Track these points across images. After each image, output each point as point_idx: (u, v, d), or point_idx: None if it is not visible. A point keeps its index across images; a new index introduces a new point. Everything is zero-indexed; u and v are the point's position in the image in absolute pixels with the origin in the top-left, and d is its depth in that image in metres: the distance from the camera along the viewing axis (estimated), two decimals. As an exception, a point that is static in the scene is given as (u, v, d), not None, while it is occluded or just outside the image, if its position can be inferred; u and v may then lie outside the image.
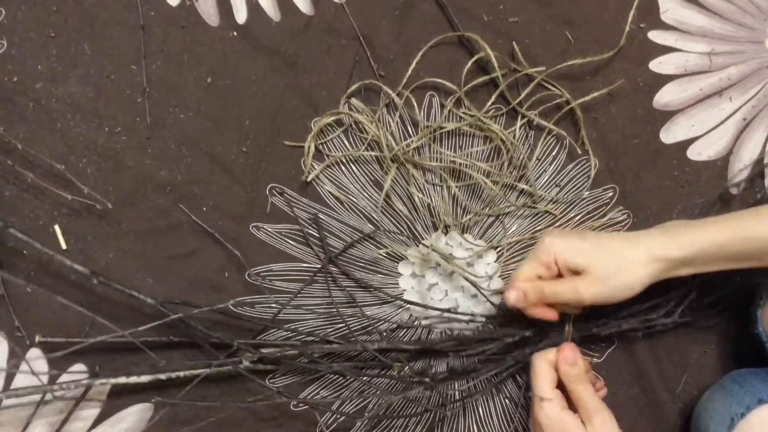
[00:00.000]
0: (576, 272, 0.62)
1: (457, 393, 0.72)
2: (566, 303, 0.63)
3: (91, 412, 0.69)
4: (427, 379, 0.68)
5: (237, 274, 0.71)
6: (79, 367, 0.68)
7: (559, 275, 0.64)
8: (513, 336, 0.69)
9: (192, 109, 0.72)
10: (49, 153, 0.69)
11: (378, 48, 0.74)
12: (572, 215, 0.75)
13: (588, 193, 0.75)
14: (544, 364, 0.63)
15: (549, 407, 0.61)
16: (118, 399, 0.69)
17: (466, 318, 0.72)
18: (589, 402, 0.61)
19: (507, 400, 0.73)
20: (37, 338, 0.67)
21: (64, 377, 0.68)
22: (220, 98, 0.72)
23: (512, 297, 0.64)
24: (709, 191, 0.76)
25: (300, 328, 0.71)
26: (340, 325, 0.72)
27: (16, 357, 0.67)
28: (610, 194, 0.75)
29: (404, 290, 0.74)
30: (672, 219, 0.75)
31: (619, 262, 0.60)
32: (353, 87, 0.73)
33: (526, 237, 0.74)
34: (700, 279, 0.69)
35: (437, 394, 0.70)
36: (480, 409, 0.73)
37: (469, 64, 0.73)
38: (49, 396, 0.66)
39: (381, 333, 0.71)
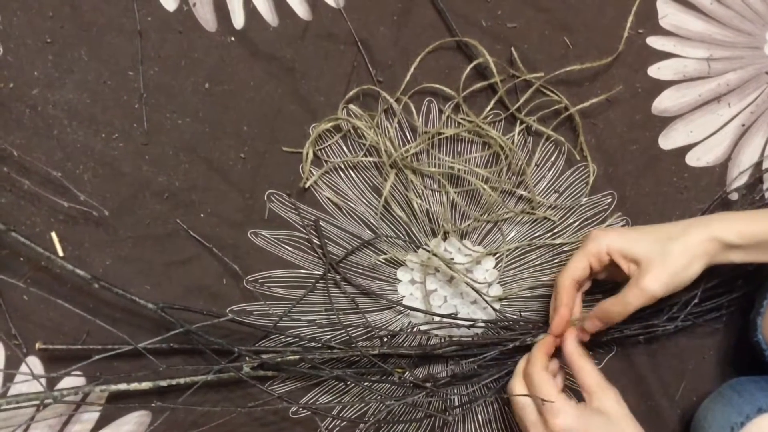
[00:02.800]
0: (633, 260, 0.62)
1: (457, 398, 0.72)
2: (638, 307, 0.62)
3: (89, 416, 0.68)
4: (428, 385, 0.67)
5: (235, 280, 0.71)
6: (77, 375, 0.68)
7: (611, 264, 0.64)
8: (514, 341, 0.69)
9: (189, 114, 0.71)
10: (45, 160, 0.69)
11: (376, 53, 0.74)
12: (571, 221, 0.75)
13: (586, 199, 0.75)
14: (541, 372, 0.62)
15: (564, 418, 0.58)
16: (117, 405, 0.68)
17: (467, 324, 0.71)
18: (597, 378, 0.61)
19: (507, 406, 0.73)
20: (38, 345, 0.66)
21: (62, 385, 0.68)
22: (218, 104, 0.72)
23: (591, 328, 0.65)
24: (708, 197, 0.76)
25: (301, 334, 0.71)
26: (341, 331, 0.72)
27: (13, 364, 0.67)
28: (609, 200, 0.75)
29: (403, 296, 0.73)
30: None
31: (678, 245, 0.60)
32: (351, 92, 0.73)
33: (524, 243, 0.74)
34: (703, 284, 0.70)
35: (438, 399, 0.70)
36: (479, 415, 0.73)
37: (468, 69, 0.73)
38: (48, 400, 0.66)
39: (381, 339, 0.71)
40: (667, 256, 0.60)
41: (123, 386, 0.65)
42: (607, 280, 0.69)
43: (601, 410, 0.59)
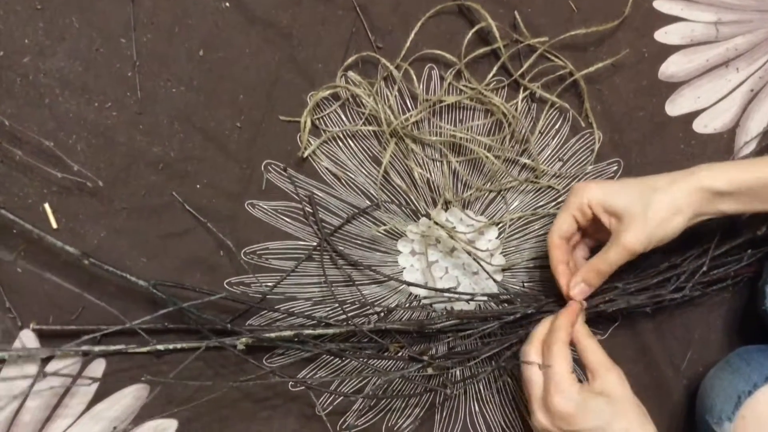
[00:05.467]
0: (613, 214, 0.60)
1: (458, 372, 0.71)
2: (621, 264, 0.61)
3: (87, 389, 0.68)
4: (425, 358, 0.66)
5: (231, 252, 0.69)
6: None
7: (594, 221, 0.62)
8: (515, 313, 0.68)
9: (184, 83, 0.70)
10: (37, 129, 0.67)
11: (375, 19, 0.72)
12: (575, 190, 0.73)
13: (592, 167, 0.74)
14: (563, 346, 0.60)
15: (565, 401, 0.57)
16: (113, 380, 0.68)
17: (467, 297, 0.70)
18: (601, 357, 0.59)
19: (508, 377, 0.72)
20: (32, 325, 0.66)
21: (54, 364, 0.67)
22: (213, 72, 0.70)
23: (578, 293, 0.63)
24: (716, 164, 0.74)
25: (297, 308, 0.70)
26: (338, 306, 0.71)
27: (9, 338, 0.66)
28: (615, 168, 0.74)
29: (404, 268, 0.72)
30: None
31: (660, 196, 0.58)
32: (350, 59, 0.71)
33: (528, 213, 0.73)
34: (711, 253, 0.68)
35: (438, 374, 0.69)
36: (481, 386, 0.72)
37: (470, 34, 0.71)
38: (43, 385, 0.66)
39: (378, 314, 0.70)
40: (648, 210, 0.58)
41: (121, 347, 0.64)
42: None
43: (603, 391, 0.58)
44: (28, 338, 0.67)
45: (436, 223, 0.70)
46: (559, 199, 0.73)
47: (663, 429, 0.74)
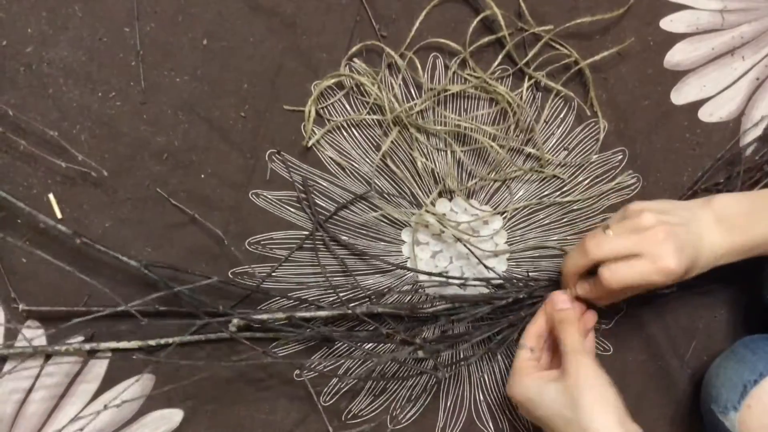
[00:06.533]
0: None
1: (460, 353, 0.71)
2: None
3: (95, 374, 0.68)
4: (417, 341, 0.66)
5: (236, 242, 0.69)
6: (77, 339, 0.68)
7: None
8: (506, 298, 0.68)
9: (188, 72, 0.69)
10: (41, 119, 0.67)
11: (379, 7, 0.71)
12: (581, 179, 0.73)
13: (597, 156, 0.73)
14: (525, 339, 0.65)
15: (516, 387, 0.62)
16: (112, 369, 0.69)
17: (458, 282, 0.70)
18: (569, 344, 0.60)
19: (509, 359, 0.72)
20: (21, 307, 0.66)
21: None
22: (217, 61, 0.70)
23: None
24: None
25: (300, 296, 0.70)
26: (340, 292, 0.71)
27: (12, 329, 0.66)
28: (620, 157, 0.74)
29: (408, 258, 0.72)
30: (682, 182, 0.74)
31: (710, 254, 0.60)
32: (354, 48, 0.71)
33: (533, 202, 0.73)
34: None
35: (431, 359, 0.69)
36: (485, 374, 0.72)
37: (475, 23, 0.71)
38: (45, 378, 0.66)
39: (370, 297, 0.69)
40: (700, 266, 0.60)
41: (112, 344, 0.65)
42: None
43: (565, 375, 0.59)
44: (30, 330, 0.67)
45: (428, 211, 0.70)
46: (564, 188, 0.73)
47: (668, 419, 0.74)
